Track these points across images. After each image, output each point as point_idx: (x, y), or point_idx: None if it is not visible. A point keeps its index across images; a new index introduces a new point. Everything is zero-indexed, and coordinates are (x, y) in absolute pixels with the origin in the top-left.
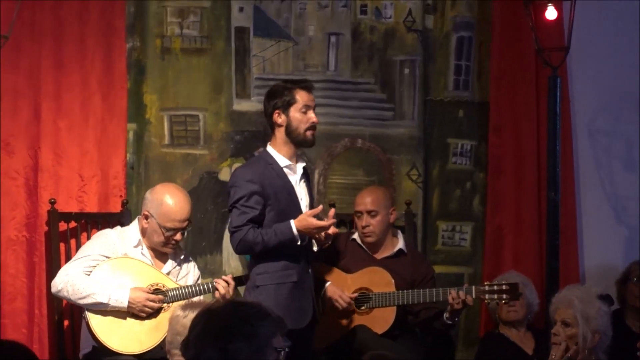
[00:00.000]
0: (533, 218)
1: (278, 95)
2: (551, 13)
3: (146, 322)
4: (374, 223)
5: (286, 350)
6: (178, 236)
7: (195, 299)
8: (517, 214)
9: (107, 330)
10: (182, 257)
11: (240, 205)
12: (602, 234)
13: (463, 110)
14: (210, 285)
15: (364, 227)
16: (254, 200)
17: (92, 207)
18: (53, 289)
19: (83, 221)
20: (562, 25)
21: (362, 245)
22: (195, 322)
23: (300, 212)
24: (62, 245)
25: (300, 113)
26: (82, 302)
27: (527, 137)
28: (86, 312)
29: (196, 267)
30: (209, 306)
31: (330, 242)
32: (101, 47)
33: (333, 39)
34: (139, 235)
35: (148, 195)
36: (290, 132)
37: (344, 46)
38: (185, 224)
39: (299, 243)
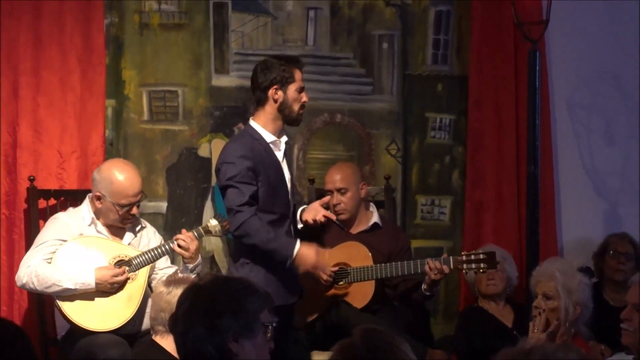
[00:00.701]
0: (512, 192)
1: (276, 71)
2: None
3: (117, 295)
4: (344, 200)
5: (274, 325)
6: (134, 210)
7: (178, 275)
8: (497, 188)
9: (82, 312)
10: (139, 226)
11: (236, 182)
12: (581, 207)
13: (442, 85)
14: (170, 246)
15: (335, 205)
16: (249, 176)
17: (71, 183)
18: (18, 283)
19: (62, 198)
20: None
21: (336, 222)
22: (183, 297)
23: (286, 187)
24: (41, 223)
25: (296, 92)
26: (49, 291)
27: (507, 111)
28: (57, 300)
29: (156, 233)
30: (197, 282)
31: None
32: (80, 23)
33: (312, 13)
34: (91, 214)
35: (96, 175)
36: (283, 109)
37: (322, 21)
38: (139, 196)
39: (287, 264)
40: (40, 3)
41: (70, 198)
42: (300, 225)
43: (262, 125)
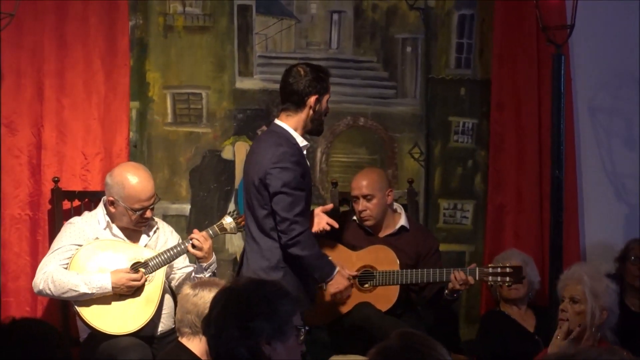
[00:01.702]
0: (534, 196)
1: (317, 79)
2: None
3: (135, 297)
4: (370, 207)
5: (306, 328)
6: (148, 213)
7: (205, 277)
8: (518, 191)
9: (100, 316)
10: (155, 227)
11: (291, 189)
12: (602, 211)
13: (465, 88)
14: (184, 246)
15: (361, 212)
16: (302, 183)
17: (95, 185)
18: (35, 289)
19: (86, 199)
20: (565, 2)
21: (362, 226)
22: (216, 300)
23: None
24: (63, 225)
25: (327, 103)
26: (65, 296)
27: (529, 114)
28: (75, 306)
29: (173, 232)
30: (231, 284)
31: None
32: (104, 24)
33: (335, 16)
34: (106, 218)
35: (108, 180)
36: (315, 119)
37: (346, 24)
38: (153, 200)
39: (320, 282)
40: (65, 5)
41: (94, 199)
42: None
43: (294, 129)
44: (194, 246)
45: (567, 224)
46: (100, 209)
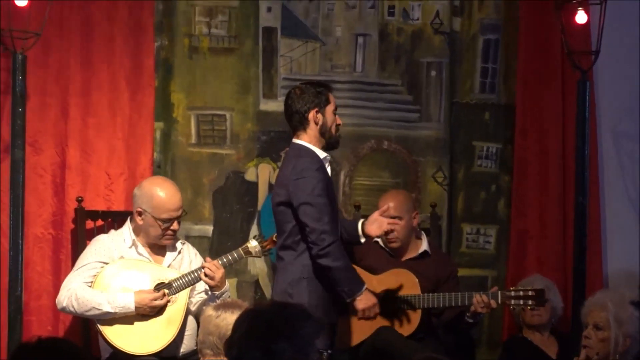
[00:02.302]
0: (558, 222)
1: (314, 95)
2: (581, 17)
3: (157, 318)
4: (398, 229)
5: (329, 352)
6: (175, 225)
7: (228, 299)
8: (542, 217)
9: (123, 336)
10: (180, 247)
11: (316, 196)
12: (626, 237)
13: (489, 113)
14: (197, 273)
15: (387, 234)
16: (325, 190)
17: (119, 205)
18: (58, 306)
19: (110, 219)
20: (589, 28)
21: (385, 248)
22: (239, 321)
23: (336, 205)
24: (88, 244)
25: (332, 114)
26: (88, 314)
27: (553, 140)
28: (97, 325)
29: (197, 254)
30: (254, 306)
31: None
32: (129, 45)
33: (360, 40)
34: (132, 236)
35: (136, 192)
36: (324, 132)
37: (371, 47)
38: (180, 212)
39: (348, 297)
40: (91, 25)
41: (117, 219)
42: (362, 240)
43: (310, 143)
44: (206, 275)
45: (591, 250)
46: (127, 227)
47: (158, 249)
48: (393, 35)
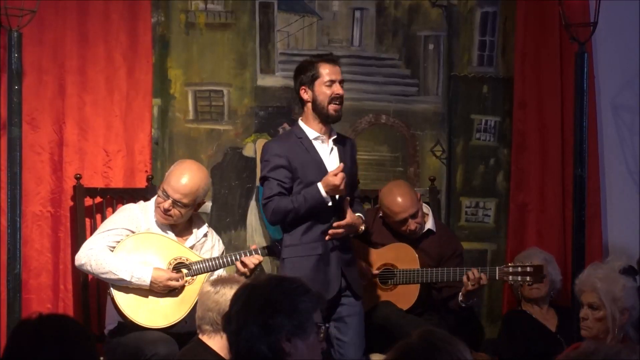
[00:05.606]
0: (557, 194)
1: (303, 71)
2: None
3: (172, 297)
4: (419, 220)
5: (327, 325)
6: (166, 204)
7: (224, 273)
8: (541, 190)
9: (133, 306)
10: (205, 231)
11: (270, 177)
12: (625, 209)
13: (487, 86)
14: (232, 258)
15: (414, 230)
16: (282, 173)
17: (117, 182)
18: (76, 262)
19: (108, 196)
20: (587, 0)
21: (387, 224)
22: (237, 296)
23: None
24: (87, 221)
25: (325, 87)
26: (104, 276)
27: (552, 112)
28: (111, 289)
29: (221, 241)
30: (252, 281)
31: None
32: (126, 21)
33: (357, 14)
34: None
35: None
36: (316, 107)
37: (368, 21)
38: (177, 196)
39: (329, 204)
40: (87, 1)
41: (116, 196)
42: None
43: (306, 124)
44: (243, 264)
45: (590, 223)
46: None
47: (184, 228)
48: (390, 8)
